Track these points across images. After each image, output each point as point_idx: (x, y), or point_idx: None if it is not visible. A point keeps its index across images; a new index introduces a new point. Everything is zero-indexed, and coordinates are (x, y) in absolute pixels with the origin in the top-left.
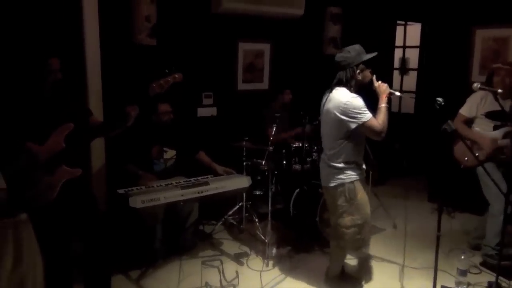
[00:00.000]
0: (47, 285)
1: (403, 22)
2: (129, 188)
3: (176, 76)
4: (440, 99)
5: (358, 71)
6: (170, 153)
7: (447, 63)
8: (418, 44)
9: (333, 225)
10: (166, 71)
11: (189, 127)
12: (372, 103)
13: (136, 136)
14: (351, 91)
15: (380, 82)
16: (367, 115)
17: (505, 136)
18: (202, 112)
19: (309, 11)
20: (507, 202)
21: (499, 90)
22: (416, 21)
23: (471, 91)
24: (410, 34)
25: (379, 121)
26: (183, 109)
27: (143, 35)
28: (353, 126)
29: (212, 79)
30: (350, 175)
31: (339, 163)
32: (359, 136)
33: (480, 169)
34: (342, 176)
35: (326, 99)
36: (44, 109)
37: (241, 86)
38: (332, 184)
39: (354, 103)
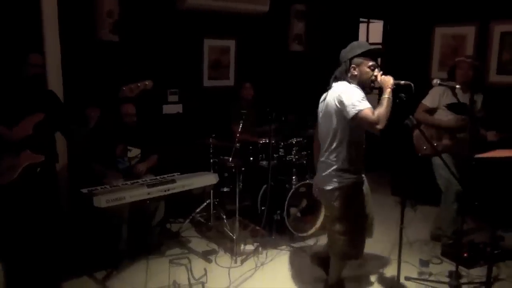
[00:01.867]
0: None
1: (366, 20)
2: (93, 188)
3: (147, 83)
4: (402, 94)
5: (353, 65)
6: (134, 152)
7: (408, 59)
8: (380, 41)
9: (328, 231)
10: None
11: (154, 125)
12: None
13: (100, 135)
14: (352, 85)
15: (383, 76)
16: (361, 105)
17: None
18: (167, 109)
19: (274, 8)
20: (465, 193)
21: (457, 86)
22: (378, 18)
23: (431, 87)
24: (373, 31)
25: (375, 112)
26: (148, 106)
27: (105, 30)
28: (348, 116)
29: (178, 76)
30: (346, 179)
31: (338, 165)
32: (358, 136)
33: (435, 159)
34: (335, 179)
35: (325, 96)
36: (20, 98)
37: (207, 82)
38: (328, 187)
39: (349, 92)
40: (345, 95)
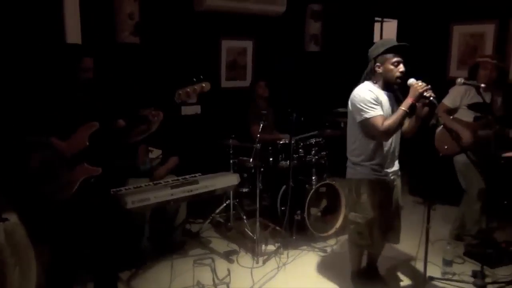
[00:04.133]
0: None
1: (380, 19)
2: (118, 189)
3: (204, 85)
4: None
5: (377, 64)
6: (156, 152)
7: (424, 59)
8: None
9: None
10: (194, 79)
11: (174, 126)
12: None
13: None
14: (376, 84)
15: (418, 82)
16: (372, 112)
17: (484, 126)
18: (186, 110)
19: (291, 8)
20: (490, 192)
21: (482, 85)
22: (392, 17)
23: (450, 86)
24: (387, 30)
25: (386, 122)
26: (167, 107)
27: (126, 33)
28: (357, 119)
29: (196, 77)
30: (360, 173)
31: (353, 158)
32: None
33: (457, 158)
34: (352, 171)
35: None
36: (72, 105)
37: (225, 83)
38: (347, 177)
39: (361, 96)
40: (355, 99)
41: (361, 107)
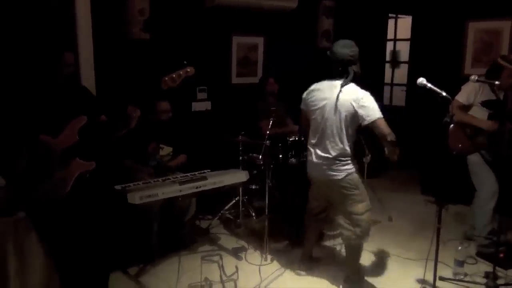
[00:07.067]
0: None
1: (394, 15)
2: (126, 184)
3: (188, 70)
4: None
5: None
6: (166, 150)
7: (438, 56)
8: (409, 37)
9: (346, 217)
10: (185, 62)
11: (184, 122)
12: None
13: (133, 133)
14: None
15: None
16: (380, 114)
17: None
18: (196, 106)
19: (303, 4)
20: (503, 192)
21: (496, 82)
22: (407, 14)
23: (464, 83)
24: (401, 27)
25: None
26: (177, 104)
27: (137, 29)
28: (367, 119)
29: (206, 73)
30: (354, 166)
31: (347, 155)
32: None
33: (471, 157)
34: (348, 167)
35: (339, 93)
36: (58, 102)
37: (235, 80)
38: (339, 176)
39: (371, 98)
40: (370, 98)
41: (376, 106)
